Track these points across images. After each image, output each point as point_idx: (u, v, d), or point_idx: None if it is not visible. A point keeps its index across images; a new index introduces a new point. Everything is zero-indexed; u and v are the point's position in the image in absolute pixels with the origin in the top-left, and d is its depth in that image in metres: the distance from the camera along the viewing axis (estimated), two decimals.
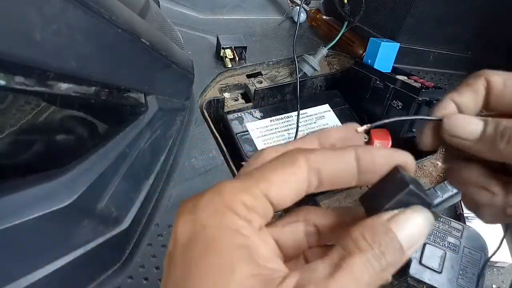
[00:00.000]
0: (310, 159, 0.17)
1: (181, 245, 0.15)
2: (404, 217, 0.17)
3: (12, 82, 0.15)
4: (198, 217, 0.15)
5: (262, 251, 0.16)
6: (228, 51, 0.51)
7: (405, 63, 0.56)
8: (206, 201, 0.16)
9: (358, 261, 0.15)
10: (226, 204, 0.16)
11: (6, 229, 0.18)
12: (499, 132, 0.21)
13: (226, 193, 0.16)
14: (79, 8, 0.17)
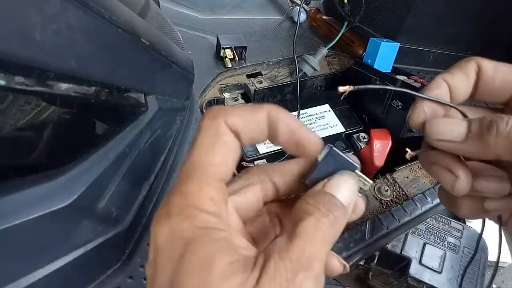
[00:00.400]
0: (228, 123, 0.18)
1: (161, 252, 0.16)
2: (334, 181, 0.19)
3: (12, 82, 0.15)
4: (173, 224, 0.16)
5: (237, 240, 0.17)
6: (228, 51, 0.51)
7: (405, 63, 0.56)
8: (176, 208, 0.17)
9: (309, 223, 0.16)
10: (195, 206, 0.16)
11: (6, 229, 0.18)
12: (485, 126, 0.21)
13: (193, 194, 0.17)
14: (79, 8, 0.17)
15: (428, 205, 0.42)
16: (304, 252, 0.16)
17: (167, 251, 0.16)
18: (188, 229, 0.16)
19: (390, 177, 0.45)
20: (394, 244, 0.82)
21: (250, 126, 0.19)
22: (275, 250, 0.16)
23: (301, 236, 0.16)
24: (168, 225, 0.16)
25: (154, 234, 0.16)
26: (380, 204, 0.42)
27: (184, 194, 0.17)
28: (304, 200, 0.18)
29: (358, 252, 0.37)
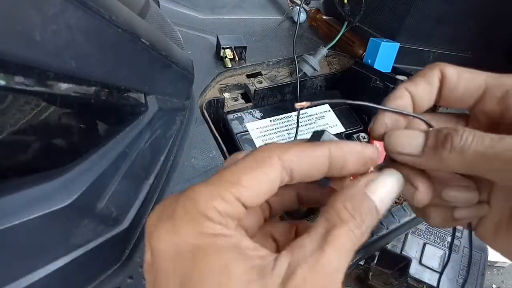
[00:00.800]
0: (284, 160, 0.18)
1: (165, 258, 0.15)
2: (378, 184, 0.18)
3: (12, 82, 0.15)
4: (177, 226, 0.16)
5: (246, 243, 0.16)
6: (228, 51, 0.51)
7: (405, 63, 0.56)
8: (181, 210, 0.16)
9: (342, 232, 0.16)
10: (200, 211, 0.16)
11: (6, 229, 0.18)
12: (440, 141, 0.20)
13: (199, 200, 0.16)
14: (79, 8, 0.17)
15: None
16: (332, 265, 0.15)
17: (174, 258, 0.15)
18: (194, 235, 0.15)
19: None
20: (394, 244, 0.82)
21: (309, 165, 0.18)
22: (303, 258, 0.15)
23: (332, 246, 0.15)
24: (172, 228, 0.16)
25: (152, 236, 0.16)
26: None
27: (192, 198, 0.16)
28: (340, 201, 0.17)
29: (358, 252, 0.37)
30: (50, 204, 0.20)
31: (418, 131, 0.22)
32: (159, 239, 0.16)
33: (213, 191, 0.17)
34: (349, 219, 0.16)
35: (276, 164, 0.18)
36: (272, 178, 0.18)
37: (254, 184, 0.17)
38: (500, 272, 1.10)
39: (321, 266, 0.15)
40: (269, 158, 0.18)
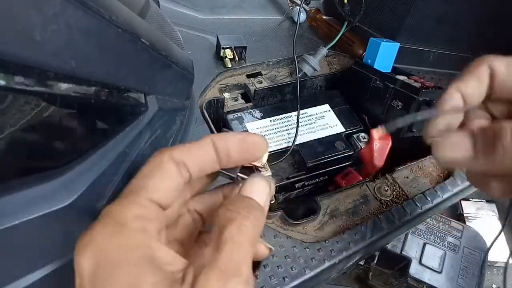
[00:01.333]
0: (174, 156, 0.19)
1: (87, 276, 0.16)
2: (247, 185, 0.20)
3: (12, 82, 0.15)
4: (97, 244, 0.16)
5: (163, 256, 0.17)
6: (228, 51, 0.51)
7: (405, 63, 0.56)
8: (100, 227, 0.17)
9: (233, 228, 0.17)
10: (119, 223, 0.17)
11: (6, 229, 0.18)
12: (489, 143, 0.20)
13: (115, 213, 0.17)
14: (79, 8, 0.17)
15: (428, 205, 0.42)
16: (231, 259, 0.16)
17: (92, 276, 0.16)
18: (112, 249, 0.16)
19: (390, 177, 0.45)
20: (394, 244, 0.82)
21: (198, 157, 0.20)
22: (204, 262, 0.16)
23: (227, 243, 0.16)
24: (92, 246, 0.16)
25: (77, 259, 0.16)
26: (380, 204, 0.42)
27: (108, 213, 0.17)
28: (225, 207, 0.19)
29: (358, 252, 0.37)
30: (50, 204, 0.20)
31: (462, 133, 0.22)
32: (83, 262, 0.16)
33: (126, 202, 0.18)
34: (235, 216, 0.18)
35: (168, 162, 0.19)
36: (171, 174, 0.19)
37: (159, 184, 0.19)
38: (500, 272, 1.10)
39: (220, 263, 0.16)
40: (162, 158, 0.19)
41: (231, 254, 0.16)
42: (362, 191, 0.43)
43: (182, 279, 0.16)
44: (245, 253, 0.17)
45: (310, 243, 0.37)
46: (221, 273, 0.15)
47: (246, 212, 0.18)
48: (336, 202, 0.41)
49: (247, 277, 0.16)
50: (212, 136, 0.20)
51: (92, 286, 0.16)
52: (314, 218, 0.39)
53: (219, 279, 0.15)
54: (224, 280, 0.15)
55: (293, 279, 0.34)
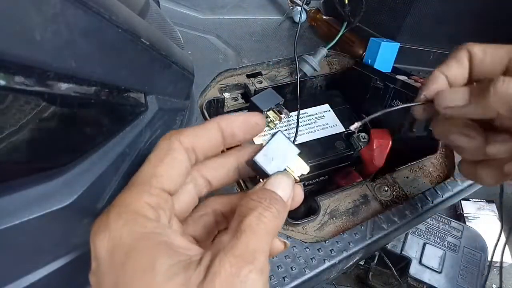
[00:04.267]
0: (182, 141, 0.20)
1: (103, 261, 0.17)
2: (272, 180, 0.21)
3: (12, 82, 0.15)
4: (112, 230, 0.17)
5: (178, 242, 0.17)
6: (270, 113, 0.46)
7: (405, 63, 0.56)
8: (115, 215, 0.17)
9: (252, 217, 0.17)
10: (133, 211, 0.17)
11: (6, 229, 0.18)
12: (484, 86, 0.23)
13: (130, 202, 0.18)
14: (79, 8, 0.17)
15: (428, 205, 0.42)
16: (248, 247, 0.16)
17: (108, 259, 0.16)
18: (127, 236, 0.16)
19: (390, 177, 0.45)
20: (394, 244, 0.82)
21: (205, 141, 0.21)
22: (220, 248, 0.16)
23: (245, 231, 0.17)
24: (108, 232, 0.17)
25: (94, 243, 0.17)
26: (380, 204, 0.42)
27: (122, 202, 0.18)
28: (247, 196, 0.19)
29: (358, 252, 0.37)
30: (50, 204, 0.20)
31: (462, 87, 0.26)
32: (99, 247, 0.17)
33: (138, 190, 0.18)
34: (257, 205, 0.18)
35: (178, 147, 0.20)
36: (180, 160, 0.20)
37: (168, 170, 0.19)
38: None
39: (236, 249, 0.16)
40: (171, 145, 0.20)
41: (247, 242, 0.17)
42: (362, 191, 0.43)
43: (198, 262, 0.16)
44: (262, 243, 0.17)
45: (310, 243, 0.37)
46: (235, 259, 0.16)
47: (268, 203, 0.18)
48: (336, 202, 0.41)
49: (262, 266, 0.16)
50: (218, 119, 0.21)
51: (109, 269, 0.16)
52: (314, 218, 0.39)
53: (233, 264, 0.15)
54: (237, 266, 0.15)
55: (293, 279, 0.34)
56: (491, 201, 1.15)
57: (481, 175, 0.28)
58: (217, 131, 0.21)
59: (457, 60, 0.27)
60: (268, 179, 0.21)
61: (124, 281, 0.16)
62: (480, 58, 0.26)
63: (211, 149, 0.21)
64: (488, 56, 0.26)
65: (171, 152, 0.20)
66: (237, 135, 0.22)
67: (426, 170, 0.46)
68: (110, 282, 0.16)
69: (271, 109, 0.45)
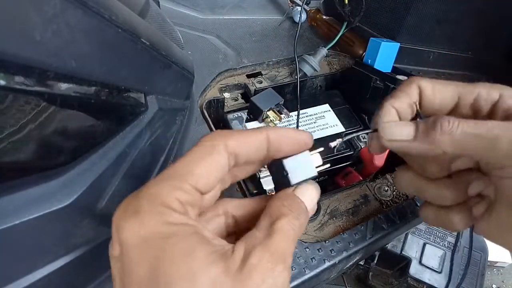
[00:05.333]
0: (229, 146, 0.20)
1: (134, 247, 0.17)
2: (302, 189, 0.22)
3: (12, 82, 0.15)
4: (145, 218, 0.17)
5: (207, 233, 0.18)
6: (270, 113, 0.46)
7: (405, 63, 0.56)
8: (146, 203, 0.17)
9: (284, 222, 0.19)
10: (164, 204, 0.17)
11: (6, 229, 0.18)
12: (430, 125, 0.24)
13: (161, 194, 0.18)
14: (79, 8, 0.17)
15: None
16: (280, 246, 0.18)
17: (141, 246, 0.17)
18: (161, 225, 0.17)
19: (390, 177, 0.45)
20: (394, 244, 0.82)
21: (250, 149, 0.21)
22: (256, 243, 0.18)
23: (279, 233, 0.18)
24: (139, 219, 0.17)
25: (121, 228, 0.17)
26: (380, 204, 0.42)
27: (154, 193, 0.18)
28: (279, 201, 0.20)
29: (358, 252, 0.37)
30: (50, 204, 0.20)
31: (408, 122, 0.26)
32: (128, 231, 0.17)
33: (172, 184, 0.18)
34: (288, 212, 0.19)
35: (222, 151, 0.20)
36: (221, 164, 0.20)
37: (206, 172, 0.19)
38: (500, 272, 1.10)
39: (271, 248, 0.17)
40: (217, 146, 0.20)
41: (280, 242, 0.18)
42: (362, 191, 0.43)
43: (232, 253, 0.17)
44: (290, 246, 0.18)
45: (310, 243, 0.37)
46: (271, 256, 0.17)
47: (297, 213, 0.20)
48: (336, 202, 0.41)
49: (290, 266, 0.18)
50: (269, 130, 0.21)
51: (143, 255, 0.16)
52: (314, 218, 0.39)
53: (270, 261, 0.17)
54: (274, 263, 0.17)
55: (293, 279, 0.34)
56: None
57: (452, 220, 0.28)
58: (264, 142, 0.21)
59: (408, 95, 0.27)
60: (298, 186, 0.22)
61: (163, 266, 0.16)
62: (430, 94, 0.26)
63: (253, 158, 0.21)
64: (437, 93, 0.26)
65: (214, 154, 0.19)
66: (283, 150, 0.22)
67: None
68: (144, 268, 0.16)
69: (271, 109, 0.46)
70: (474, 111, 0.26)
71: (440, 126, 0.23)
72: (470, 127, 0.22)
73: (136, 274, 0.16)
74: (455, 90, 0.26)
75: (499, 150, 0.22)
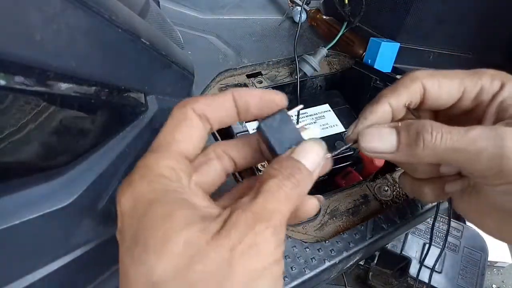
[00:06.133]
0: (196, 109, 0.20)
1: (127, 213, 0.18)
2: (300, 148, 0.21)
3: (12, 82, 0.15)
4: (136, 189, 0.18)
5: (197, 201, 0.18)
6: None
7: (405, 63, 0.56)
8: (139, 176, 0.18)
9: (271, 183, 0.18)
10: (156, 173, 0.18)
11: (6, 229, 0.18)
12: (412, 139, 0.23)
13: (151, 164, 0.19)
14: (79, 8, 0.17)
15: (428, 205, 0.42)
16: (266, 207, 0.17)
17: (131, 212, 0.17)
18: (149, 191, 0.18)
19: (390, 177, 0.45)
20: (394, 244, 0.82)
21: (218, 110, 0.21)
22: (239, 206, 0.17)
23: (263, 194, 0.18)
24: (131, 190, 0.18)
25: (119, 202, 0.18)
26: (380, 204, 0.42)
27: (145, 165, 0.19)
28: (270, 166, 0.20)
29: (358, 252, 0.37)
30: (50, 204, 0.20)
31: (389, 128, 0.25)
32: (123, 203, 0.18)
33: (159, 154, 0.19)
34: (277, 173, 0.19)
35: (191, 114, 0.20)
36: (196, 126, 0.20)
37: (185, 137, 0.20)
38: (500, 272, 1.10)
39: (254, 208, 0.17)
40: (186, 111, 0.20)
41: (265, 202, 0.17)
42: (362, 191, 0.43)
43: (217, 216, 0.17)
44: (280, 205, 0.18)
45: (310, 243, 0.37)
46: (251, 215, 0.17)
47: (289, 172, 0.19)
48: (336, 202, 0.41)
49: (277, 225, 0.17)
50: (233, 91, 0.21)
51: (131, 220, 0.17)
52: (314, 218, 0.39)
53: (249, 218, 0.17)
54: (253, 222, 0.16)
55: (293, 279, 0.34)
56: None
57: (424, 191, 0.28)
58: (231, 102, 0.21)
59: (410, 93, 0.26)
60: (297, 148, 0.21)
61: (143, 229, 0.16)
62: (435, 92, 0.26)
63: (225, 119, 0.21)
64: (442, 90, 0.26)
65: (186, 119, 0.20)
66: (251, 110, 0.21)
67: None
68: (131, 232, 0.17)
69: None
70: (476, 103, 0.26)
71: (423, 140, 0.23)
72: (453, 141, 0.22)
73: (124, 240, 0.17)
74: (460, 85, 0.25)
75: (480, 163, 0.22)
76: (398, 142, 0.24)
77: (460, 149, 0.22)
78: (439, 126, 0.23)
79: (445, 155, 0.23)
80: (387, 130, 0.25)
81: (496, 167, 0.22)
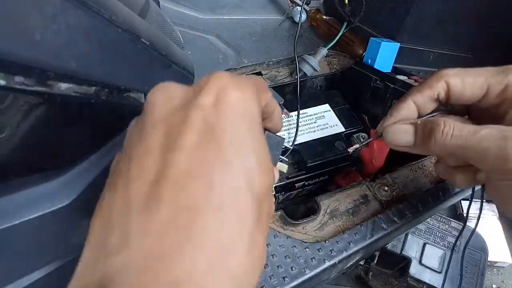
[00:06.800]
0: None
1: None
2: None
3: (12, 82, 0.15)
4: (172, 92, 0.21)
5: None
6: None
7: (405, 63, 0.56)
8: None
9: None
10: None
11: (6, 229, 0.18)
12: (426, 135, 0.26)
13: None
14: (79, 8, 0.17)
15: (428, 205, 0.42)
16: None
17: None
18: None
19: (390, 177, 0.45)
20: (394, 244, 0.82)
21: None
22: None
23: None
24: (167, 95, 0.21)
25: (150, 104, 0.20)
26: (380, 204, 0.42)
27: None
28: None
29: (358, 252, 0.37)
30: (50, 204, 0.20)
31: (409, 125, 0.28)
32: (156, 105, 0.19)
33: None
34: None
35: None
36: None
37: None
38: (500, 272, 1.10)
39: None
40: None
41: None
42: (362, 191, 0.43)
43: None
44: None
45: (310, 243, 0.37)
46: None
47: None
48: (336, 202, 0.41)
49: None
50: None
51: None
52: (314, 218, 0.39)
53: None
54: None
55: (293, 279, 0.34)
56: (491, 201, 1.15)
57: (456, 178, 0.30)
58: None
59: (434, 91, 0.28)
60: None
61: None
62: (459, 90, 0.28)
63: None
64: (466, 88, 0.27)
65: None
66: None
67: (426, 170, 0.46)
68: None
69: None
70: (501, 100, 0.27)
71: (434, 138, 0.25)
72: (462, 139, 0.24)
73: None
74: (484, 83, 0.27)
75: (487, 161, 0.24)
76: (414, 137, 0.27)
77: (468, 147, 0.24)
78: (451, 124, 0.25)
79: (455, 151, 0.25)
80: (406, 127, 0.28)
81: (500, 166, 0.23)
